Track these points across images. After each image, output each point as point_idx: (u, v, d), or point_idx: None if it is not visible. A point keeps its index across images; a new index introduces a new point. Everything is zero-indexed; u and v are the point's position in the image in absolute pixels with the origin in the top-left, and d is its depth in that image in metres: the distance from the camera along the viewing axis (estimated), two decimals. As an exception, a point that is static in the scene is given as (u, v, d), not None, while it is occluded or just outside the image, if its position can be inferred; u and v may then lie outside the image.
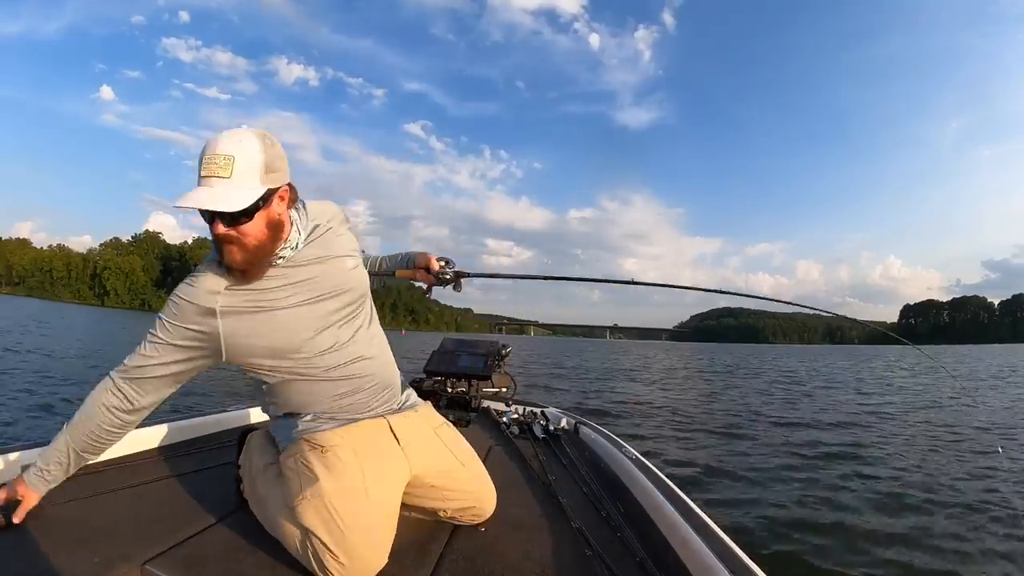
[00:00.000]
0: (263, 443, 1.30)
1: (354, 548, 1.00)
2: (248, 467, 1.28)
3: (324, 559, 0.99)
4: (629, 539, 1.25)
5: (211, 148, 0.98)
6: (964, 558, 3.05)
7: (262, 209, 1.02)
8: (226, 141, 0.98)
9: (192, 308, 1.07)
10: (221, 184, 0.97)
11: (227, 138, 0.99)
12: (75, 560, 0.98)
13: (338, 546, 0.99)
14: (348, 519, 1.01)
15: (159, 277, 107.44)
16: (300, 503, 1.04)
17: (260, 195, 1.00)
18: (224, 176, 0.97)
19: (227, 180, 0.97)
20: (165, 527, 1.15)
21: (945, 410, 9.19)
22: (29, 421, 5.70)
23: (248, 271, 1.07)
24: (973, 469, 4.99)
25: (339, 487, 1.06)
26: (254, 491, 1.22)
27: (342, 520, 1.01)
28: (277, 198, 1.05)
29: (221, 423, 1.98)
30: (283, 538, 1.07)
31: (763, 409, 9.21)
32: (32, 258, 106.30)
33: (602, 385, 13.16)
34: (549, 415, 2.34)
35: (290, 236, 1.11)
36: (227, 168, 0.97)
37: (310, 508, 1.03)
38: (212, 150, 0.98)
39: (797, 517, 3.65)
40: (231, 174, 0.97)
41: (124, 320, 40.08)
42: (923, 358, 11.02)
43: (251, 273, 1.07)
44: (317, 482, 1.06)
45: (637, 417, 8.14)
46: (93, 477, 1.40)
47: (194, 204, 0.96)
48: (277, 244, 1.08)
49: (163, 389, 1.14)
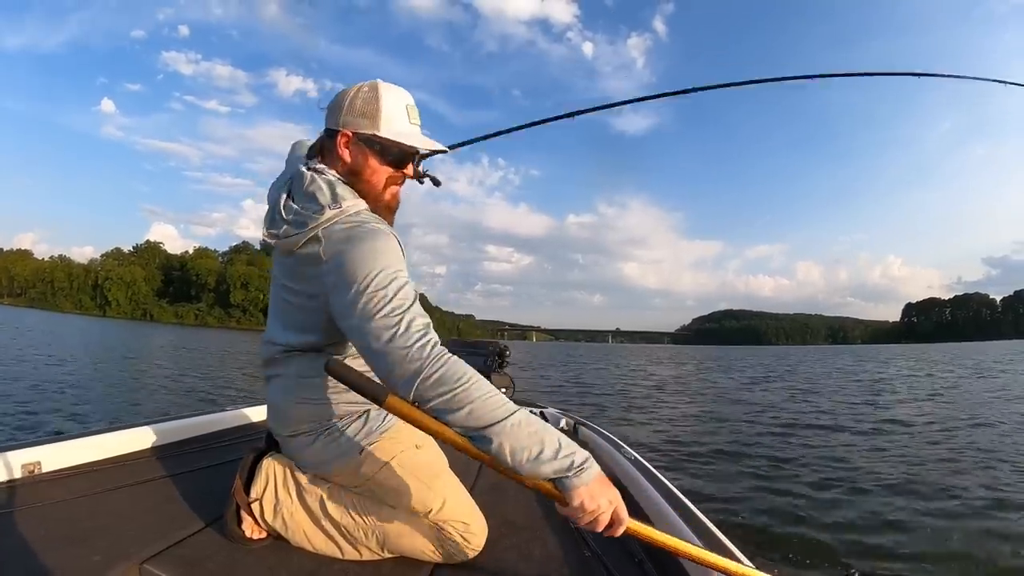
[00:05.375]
0: (294, 466, 1.15)
1: (475, 513, 1.14)
2: (280, 494, 1.12)
3: (465, 536, 1.08)
4: (628, 540, 1.24)
5: (408, 97, 1.08)
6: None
7: None
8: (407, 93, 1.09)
9: (398, 248, 1.00)
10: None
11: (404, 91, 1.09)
12: (74, 558, 0.98)
13: (469, 516, 1.11)
14: (462, 492, 1.16)
15: (160, 287, 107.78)
16: (426, 493, 1.08)
17: None
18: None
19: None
20: (164, 526, 1.14)
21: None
22: (30, 422, 5.72)
23: (393, 216, 1.14)
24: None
25: (444, 466, 1.18)
26: (309, 514, 1.10)
27: (461, 493, 1.16)
28: None
29: (219, 423, 1.98)
30: (396, 541, 1.08)
31: (764, 410, 9.19)
32: (34, 269, 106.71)
33: (602, 386, 13.13)
34: (548, 415, 2.34)
35: None
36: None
37: (434, 495, 1.09)
38: (410, 100, 1.08)
39: (797, 518, 3.65)
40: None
41: (126, 330, 40.20)
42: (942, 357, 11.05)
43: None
44: (433, 468, 1.15)
45: (637, 417, 8.12)
46: (92, 476, 1.40)
47: (437, 147, 1.10)
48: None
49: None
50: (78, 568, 0.96)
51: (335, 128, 1.06)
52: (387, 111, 1.04)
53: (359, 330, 0.91)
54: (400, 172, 1.10)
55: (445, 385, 0.84)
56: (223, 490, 1.32)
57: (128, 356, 16.36)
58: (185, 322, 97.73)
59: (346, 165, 1.07)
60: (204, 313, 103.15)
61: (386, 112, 1.04)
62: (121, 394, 8.52)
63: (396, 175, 1.10)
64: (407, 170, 1.10)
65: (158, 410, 7.24)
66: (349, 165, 1.07)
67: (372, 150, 1.05)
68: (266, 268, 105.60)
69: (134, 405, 7.66)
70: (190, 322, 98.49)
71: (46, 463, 1.39)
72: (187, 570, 1.00)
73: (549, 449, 0.84)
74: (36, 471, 1.37)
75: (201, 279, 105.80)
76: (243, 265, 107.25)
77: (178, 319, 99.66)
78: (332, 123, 1.07)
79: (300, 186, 1.05)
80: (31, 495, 1.25)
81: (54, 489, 1.25)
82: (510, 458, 0.83)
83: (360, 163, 1.06)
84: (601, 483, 0.86)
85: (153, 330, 47.68)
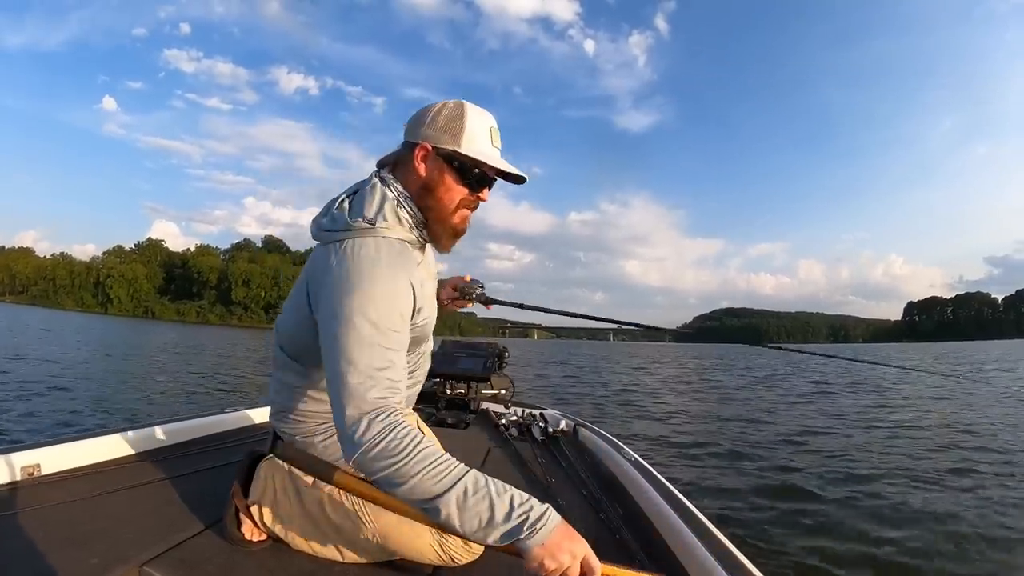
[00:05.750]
0: (292, 468, 1.13)
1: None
2: (279, 496, 1.12)
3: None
4: (628, 541, 1.25)
5: (493, 120, 1.05)
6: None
7: None
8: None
9: (402, 297, 0.97)
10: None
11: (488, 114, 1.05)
12: (73, 561, 0.98)
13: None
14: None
15: (162, 284, 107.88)
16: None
17: None
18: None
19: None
20: (163, 529, 1.14)
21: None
22: (32, 423, 5.72)
23: (455, 241, 1.11)
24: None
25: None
26: (308, 518, 1.10)
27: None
28: None
29: (218, 425, 1.98)
30: (397, 544, 1.06)
31: (764, 410, 9.19)
32: (35, 267, 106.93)
33: (603, 385, 13.13)
34: (548, 417, 2.33)
35: None
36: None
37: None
38: (494, 123, 1.05)
39: (796, 518, 3.65)
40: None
41: (127, 327, 40.26)
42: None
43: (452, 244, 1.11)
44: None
45: (638, 417, 8.12)
46: (91, 478, 1.41)
47: (519, 172, 1.06)
48: None
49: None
50: (77, 571, 0.96)
51: (414, 141, 1.03)
52: (470, 129, 1.01)
53: (325, 360, 0.91)
54: (475, 195, 1.06)
55: (387, 459, 0.81)
56: (223, 492, 1.32)
57: (129, 355, 16.37)
58: (187, 319, 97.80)
59: (420, 179, 1.03)
60: (206, 310, 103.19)
61: (469, 130, 1.01)
62: (121, 394, 8.53)
63: (470, 198, 1.06)
64: (483, 194, 1.07)
65: (158, 411, 7.26)
66: (423, 179, 1.03)
67: (450, 166, 1.02)
68: (267, 266, 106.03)
69: (135, 406, 7.67)
70: (192, 319, 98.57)
71: (45, 465, 1.39)
72: (186, 573, 1.00)
73: (500, 513, 0.80)
74: (36, 473, 1.37)
75: (203, 276, 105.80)
76: (244, 263, 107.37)
77: (180, 316, 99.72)
78: (411, 136, 1.04)
79: (363, 188, 1.05)
80: (30, 497, 1.25)
81: (54, 491, 1.25)
82: (460, 528, 0.80)
83: (435, 179, 1.03)
84: (563, 536, 0.81)
85: (154, 328, 47.73)
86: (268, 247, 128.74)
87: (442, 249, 1.12)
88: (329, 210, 1.05)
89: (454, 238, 1.10)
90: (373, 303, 0.90)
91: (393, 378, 0.89)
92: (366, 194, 1.03)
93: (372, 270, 0.93)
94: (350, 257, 0.95)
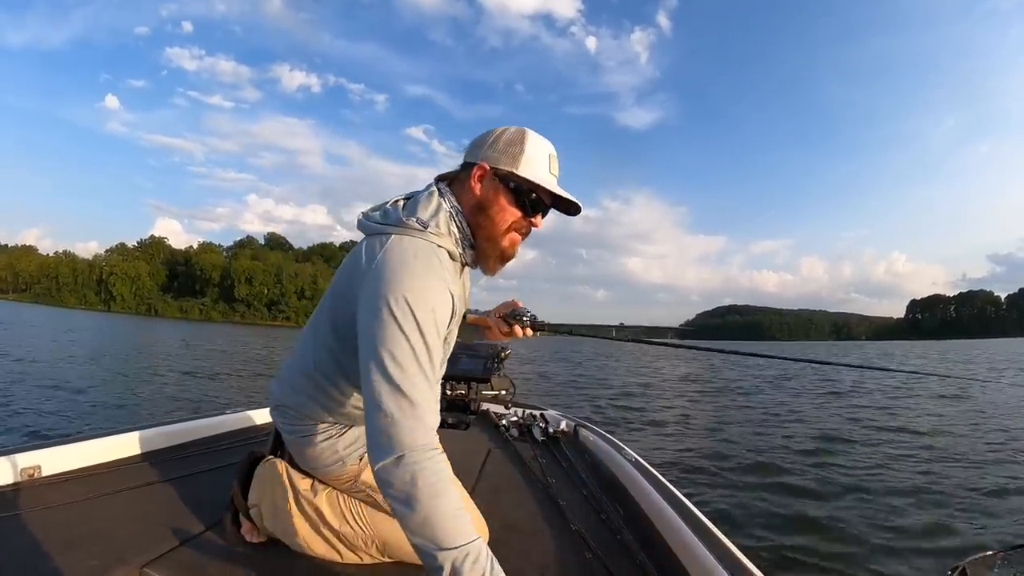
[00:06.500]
0: (291, 470, 1.17)
1: (475, 516, 1.12)
2: (278, 498, 1.13)
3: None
4: (629, 542, 1.25)
5: (552, 149, 1.06)
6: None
7: None
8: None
9: (442, 305, 0.93)
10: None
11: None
12: (73, 563, 0.99)
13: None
14: (462, 495, 1.06)
15: (165, 282, 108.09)
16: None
17: None
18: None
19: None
20: (163, 530, 1.15)
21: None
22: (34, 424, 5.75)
23: (502, 266, 1.10)
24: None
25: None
26: (307, 520, 1.11)
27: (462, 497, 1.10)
28: None
29: (219, 426, 1.99)
30: (396, 547, 1.08)
31: (766, 410, 9.18)
32: (38, 264, 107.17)
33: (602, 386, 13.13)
34: (548, 417, 2.33)
35: None
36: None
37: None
38: (554, 151, 1.06)
39: (796, 519, 3.64)
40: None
41: (131, 325, 40.38)
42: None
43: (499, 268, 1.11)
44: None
45: (637, 418, 8.11)
46: (91, 480, 1.41)
47: (575, 199, 1.05)
48: None
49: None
50: (78, 572, 0.96)
51: (472, 161, 1.04)
52: (529, 153, 1.01)
53: (363, 365, 0.87)
54: (527, 220, 1.05)
55: (411, 497, 0.78)
56: (223, 494, 1.32)
57: (130, 355, 16.40)
58: (190, 317, 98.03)
59: (475, 197, 1.03)
60: (208, 308, 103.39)
61: (528, 154, 1.01)
62: (122, 395, 8.55)
63: (522, 222, 1.05)
64: (536, 220, 1.06)
65: (159, 411, 7.27)
66: (478, 198, 1.02)
67: (506, 187, 1.02)
68: (270, 263, 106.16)
69: (135, 406, 7.69)
70: (195, 317, 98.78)
71: (46, 467, 1.40)
72: (186, 574, 1.00)
73: None
74: (36, 475, 1.37)
75: (205, 274, 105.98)
76: (247, 260, 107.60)
77: (183, 314, 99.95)
78: (471, 157, 1.05)
79: (418, 194, 1.05)
80: (31, 499, 1.25)
81: (54, 493, 1.25)
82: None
83: (490, 198, 1.02)
84: None
85: (157, 325, 47.84)
86: (271, 244, 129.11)
87: (488, 271, 1.10)
88: (383, 206, 1.05)
89: (501, 262, 1.08)
90: (415, 301, 0.87)
91: (430, 400, 0.86)
92: (422, 198, 1.02)
93: (417, 268, 0.91)
94: (397, 252, 0.93)
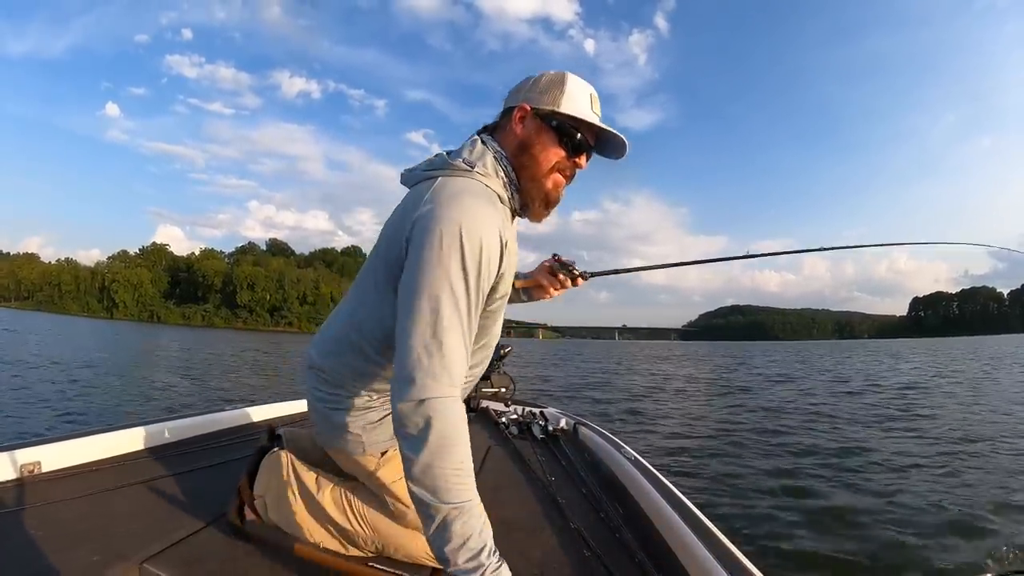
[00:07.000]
0: (296, 464, 1.17)
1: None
2: (283, 491, 1.14)
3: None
4: (628, 540, 1.24)
5: (593, 90, 1.02)
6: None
7: None
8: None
9: (491, 245, 0.88)
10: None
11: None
12: (74, 558, 0.99)
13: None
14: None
15: (167, 289, 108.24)
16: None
17: None
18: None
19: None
20: (163, 526, 1.15)
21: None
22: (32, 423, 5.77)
23: (547, 212, 1.06)
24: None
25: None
26: (310, 513, 1.11)
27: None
28: None
29: (219, 422, 1.99)
30: (396, 546, 1.07)
31: (767, 410, 9.15)
32: (40, 272, 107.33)
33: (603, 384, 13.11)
34: (548, 415, 2.33)
35: None
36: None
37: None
38: (595, 92, 1.02)
39: (796, 519, 3.63)
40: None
41: (133, 331, 40.46)
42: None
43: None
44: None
45: (637, 417, 8.09)
46: (91, 476, 1.41)
47: (619, 134, 1.02)
48: None
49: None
50: (78, 568, 0.97)
51: (513, 105, 1.02)
52: (571, 91, 1.00)
53: (400, 301, 0.84)
54: (571, 161, 1.02)
55: (424, 443, 0.76)
56: (223, 490, 1.32)
57: (132, 360, 16.43)
58: (192, 323, 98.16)
59: (517, 138, 1.00)
60: (211, 314, 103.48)
61: (569, 92, 0.99)
62: (122, 395, 8.57)
63: (566, 163, 1.02)
64: (580, 160, 1.03)
65: (159, 409, 7.28)
66: (520, 138, 1.00)
67: (547, 125, 0.99)
68: (271, 269, 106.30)
69: (135, 405, 7.70)
70: (197, 323, 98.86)
71: (46, 463, 1.40)
72: (187, 570, 1.00)
73: (474, 544, 0.76)
74: (36, 471, 1.38)
75: (207, 280, 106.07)
76: (249, 266, 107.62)
77: (185, 320, 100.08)
78: (511, 102, 1.04)
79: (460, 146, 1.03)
80: (31, 495, 1.26)
81: (54, 489, 1.26)
82: (435, 532, 0.77)
83: (532, 138, 1.00)
84: None
85: (159, 331, 47.93)
86: (272, 250, 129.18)
87: (533, 217, 1.06)
88: (426, 160, 1.03)
89: (546, 206, 1.05)
90: (465, 231, 0.83)
91: (460, 349, 0.82)
92: (466, 145, 1.01)
93: (466, 200, 0.87)
94: (447, 188, 0.90)
